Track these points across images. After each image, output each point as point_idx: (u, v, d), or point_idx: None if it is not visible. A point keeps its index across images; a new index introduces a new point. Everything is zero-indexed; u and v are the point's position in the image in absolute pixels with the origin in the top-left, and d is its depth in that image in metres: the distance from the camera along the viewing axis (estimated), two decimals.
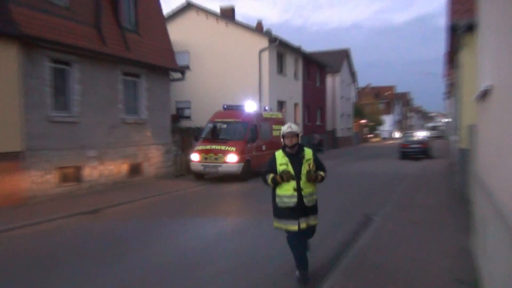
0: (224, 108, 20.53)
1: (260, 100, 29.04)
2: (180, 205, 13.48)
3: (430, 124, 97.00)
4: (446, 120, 58.53)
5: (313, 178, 6.24)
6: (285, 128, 6.40)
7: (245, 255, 7.92)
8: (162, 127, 18.99)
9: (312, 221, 6.44)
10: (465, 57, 12.88)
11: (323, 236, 9.06)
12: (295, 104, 35.35)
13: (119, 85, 16.53)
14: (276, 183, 6.31)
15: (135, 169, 17.28)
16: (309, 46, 46.39)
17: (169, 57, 19.34)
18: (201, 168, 18.17)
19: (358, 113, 62.43)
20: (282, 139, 6.42)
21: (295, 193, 6.20)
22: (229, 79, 29.76)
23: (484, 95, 5.57)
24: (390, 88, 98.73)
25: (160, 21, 19.63)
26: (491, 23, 5.42)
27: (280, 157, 6.39)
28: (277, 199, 6.39)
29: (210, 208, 12.73)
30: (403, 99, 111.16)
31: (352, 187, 16.64)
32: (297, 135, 6.34)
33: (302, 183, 6.23)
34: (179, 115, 30.17)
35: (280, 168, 6.29)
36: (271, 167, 6.40)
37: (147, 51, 17.87)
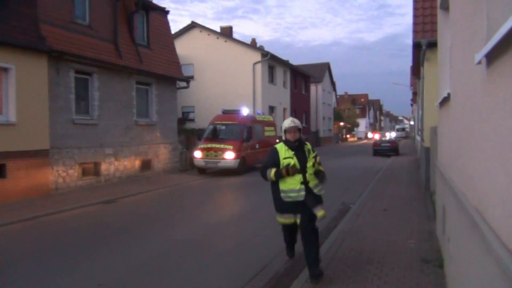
0: (223, 112, 20.47)
1: (254, 105, 29.01)
2: (184, 195, 13.43)
3: (399, 126, 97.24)
4: (412, 122, 58.71)
5: (322, 176, 5.60)
6: (288, 123, 5.54)
7: (241, 239, 7.89)
8: (170, 128, 18.91)
9: (320, 213, 5.55)
10: (427, 70, 12.92)
11: None
12: (284, 109, 35.32)
13: (133, 92, 16.43)
14: (280, 177, 5.45)
15: (146, 165, 17.18)
16: (296, 60, 46.66)
17: (175, 69, 19.25)
18: (203, 164, 18.11)
19: (338, 116, 62.49)
20: (283, 134, 5.58)
21: (303, 187, 5.40)
22: (228, 87, 29.69)
23: (444, 101, 5.57)
24: (365, 95, 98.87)
25: (168, 38, 19.54)
26: (446, 41, 5.42)
27: (284, 150, 5.51)
28: (282, 194, 5.52)
29: (211, 198, 12.69)
30: (376, 105, 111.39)
31: (332, 180, 16.56)
32: (299, 129, 5.57)
33: (308, 175, 5.44)
34: (184, 118, 30.06)
35: (284, 162, 5.42)
36: (273, 161, 5.52)
37: (157, 63, 17.78)
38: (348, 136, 74.80)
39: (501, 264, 1.91)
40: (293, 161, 5.39)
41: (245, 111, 20.04)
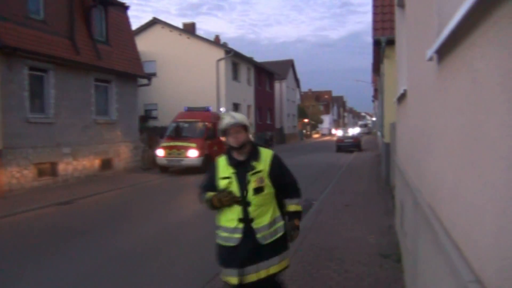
0: (185, 110, 20.19)
1: (218, 103, 28.83)
2: (145, 195, 13.14)
3: (361, 122, 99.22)
4: (374, 119, 59.99)
5: (294, 237, 3.56)
6: (226, 120, 3.53)
7: (201, 238, 7.76)
8: (131, 127, 18.48)
9: (271, 269, 3.36)
10: (386, 67, 13.14)
11: None
12: (248, 106, 35.28)
13: (92, 89, 15.93)
14: (215, 208, 3.51)
15: (106, 164, 16.72)
16: (261, 57, 46.73)
17: (136, 65, 18.82)
18: (166, 162, 17.81)
19: (302, 113, 63.08)
20: (225, 138, 3.61)
21: (240, 226, 3.36)
22: (191, 84, 29.36)
23: (401, 98, 5.63)
24: (328, 92, 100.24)
25: (129, 34, 19.07)
26: (402, 38, 5.47)
27: (222, 166, 3.56)
28: (217, 232, 3.57)
29: (171, 197, 12.47)
30: (339, 101, 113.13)
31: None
32: (245, 127, 3.54)
33: (251, 209, 3.36)
34: (147, 116, 29.51)
35: (221, 183, 3.45)
36: (209, 182, 3.59)
37: (117, 60, 17.31)
38: (312, 132, 75.69)
39: (450, 262, 1.88)
40: (231, 185, 3.42)
41: (207, 108, 19.84)
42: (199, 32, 31.77)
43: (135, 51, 19.06)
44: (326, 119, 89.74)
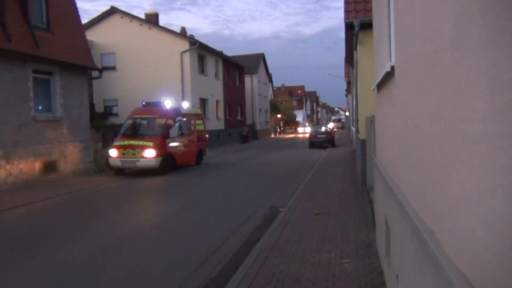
0: (143, 105, 18.35)
1: (183, 97, 26.98)
2: (90, 202, 11.35)
3: (334, 117, 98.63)
4: (347, 113, 59.13)
5: None
6: None
7: (142, 262, 6.10)
8: (80, 124, 16.52)
9: None
10: (360, 54, 11.73)
11: (225, 235, 7.44)
12: (217, 101, 33.53)
13: (29, 82, 13.92)
14: None
15: (50, 167, 14.76)
16: (236, 52, 44.82)
17: (85, 56, 16.85)
18: (119, 163, 15.96)
19: (275, 108, 61.61)
20: None
21: None
22: (154, 78, 27.43)
23: (384, 81, 4.13)
24: (301, 87, 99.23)
25: (75, 20, 17.04)
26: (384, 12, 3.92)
27: None
28: None
29: (123, 204, 10.71)
30: (312, 97, 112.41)
31: (264, 177, 15.17)
32: None
33: None
34: (107, 113, 27.43)
35: None
36: None
37: (61, 49, 15.33)
38: (286, 128, 74.38)
39: None
40: None
41: (167, 103, 18.04)
42: (173, 28, 29.67)
43: (83, 40, 17.10)
44: (300, 115, 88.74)
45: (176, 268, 5.86)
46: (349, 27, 11.89)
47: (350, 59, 19.32)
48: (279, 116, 65.81)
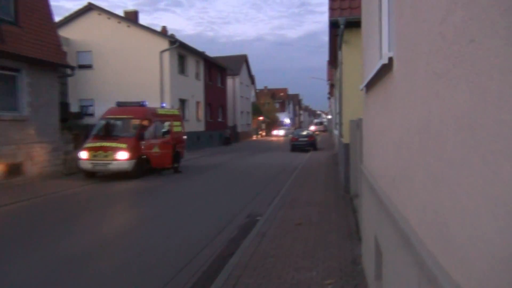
0: (117, 105, 17.47)
1: (161, 98, 26.17)
2: (54, 209, 10.46)
3: (317, 120, 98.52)
4: (329, 117, 58.93)
5: None
6: None
7: (108, 273, 5.35)
8: (49, 124, 15.55)
9: None
10: (345, 54, 11.16)
11: (196, 249, 6.73)
12: (197, 102, 32.72)
13: None
14: None
15: (14, 170, 13.78)
16: (220, 54, 44.03)
17: (56, 52, 15.91)
18: (90, 166, 15.07)
19: (257, 111, 60.97)
20: None
21: None
22: (132, 78, 26.54)
23: (377, 77, 3.50)
24: (284, 90, 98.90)
25: (47, 15, 16.08)
26: None
27: None
28: None
29: (86, 213, 9.88)
30: (295, 100, 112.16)
31: (243, 182, 14.49)
32: None
33: None
34: (83, 113, 26.37)
35: None
36: None
37: (29, 45, 14.37)
38: (270, 130, 73.78)
39: None
40: None
41: (143, 103, 17.23)
42: (156, 28, 28.50)
43: (55, 36, 16.16)
44: (283, 117, 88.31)
45: (148, 272, 5.15)
46: (333, 25, 11.34)
47: (333, 61, 18.82)
48: (261, 118, 65.22)
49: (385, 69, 2.99)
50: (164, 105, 19.36)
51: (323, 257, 5.89)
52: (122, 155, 14.86)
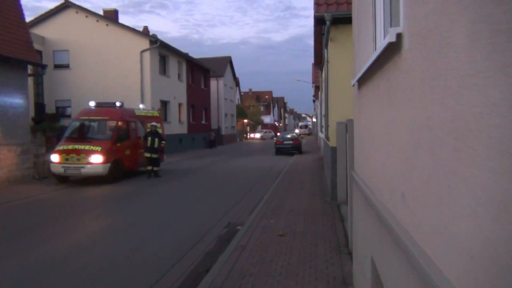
0: (93, 106, 16.59)
1: (142, 99, 25.30)
2: (17, 216, 9.60)
3: (302, 123, 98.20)
4: (314, 119, 58.53)
5: None
6: None
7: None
8: (18, 126, 14.59)
9: None
10: (332, 52, 10.53)
11: (167, 264, 5.99)
12: (180, 104, 31.86)
13: None
14: None
15: None
16: (205, 57, 43.14)
17: (26, 50, 14.98)
18: (62, 170, 14.18)
19: (241, 113, 60.22)
20: None
21: None
22: (111, 79, 25.60)
23: (375, 66, 2.84)
24: (269, 92, 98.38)
25: (15, 10, 15.16)
26: None
27: None
28: None
29: (51, 221, 9.02)
30: (280, 102, 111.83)
31: (224, 187, 13.76)
32: None
33: None
34: (58, 114, 25.32)
35: None
36: None
37: None
38: (254, 133, 73.11)
39: None
40: None
41: (120, 104, 16.40)
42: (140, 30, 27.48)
43: (24, 33, 15.23)
44: (267, 120, 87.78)
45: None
46: (319, 22, 10.71)
47: (319, 62, 18.25)
48: (245, 121, 64.54)
49: (390, 52, 2.33)
50: (141, 106, 18.47)
51: (309, 275, 5.21)
52: (96, 159, 14.01)
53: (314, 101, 44.99)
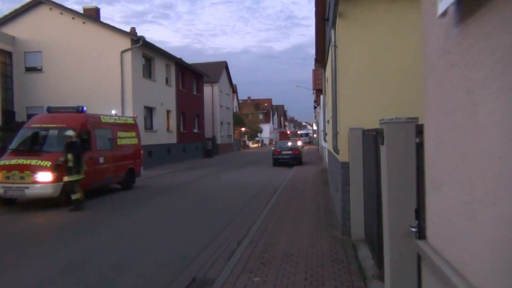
0: (48, 111, 13.76)
1: (122, 105, 22.51)
2: None
3: (302, 132, 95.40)
4: (315, 127, 55.68)
5: None
6: None
7: None
8: None
9: None
10: (341, 32, 7.66)
11: None
12: (168, 111, 29.04)
13: None
14: None
15: None
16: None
17: None
18: (2, 191, 11.33)
19: (239, 121, 57.38)
20: None
21: None
22: (89, 82, 22.81)
23: None
24: (268, 100, 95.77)
25: None
26: None
27: None
28: None
29: None
30: (280, 110, 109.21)
31: (201, 214, 10.81)
32: None
33: None
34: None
35: None
36: None
37: None
38: (252, 142, 70.28)
39: None
40: None
41: (82, 109, 13.57)
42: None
43: None
44: (266, 128, 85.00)
45: None
46: None
47: (321, 58, 15.46)
48: (243, 129, 61.75)
49: None
50: (113, 112, 15.66)
51: None
52: (44, 177, 11.16)
53: (315, 107, 42.18)
